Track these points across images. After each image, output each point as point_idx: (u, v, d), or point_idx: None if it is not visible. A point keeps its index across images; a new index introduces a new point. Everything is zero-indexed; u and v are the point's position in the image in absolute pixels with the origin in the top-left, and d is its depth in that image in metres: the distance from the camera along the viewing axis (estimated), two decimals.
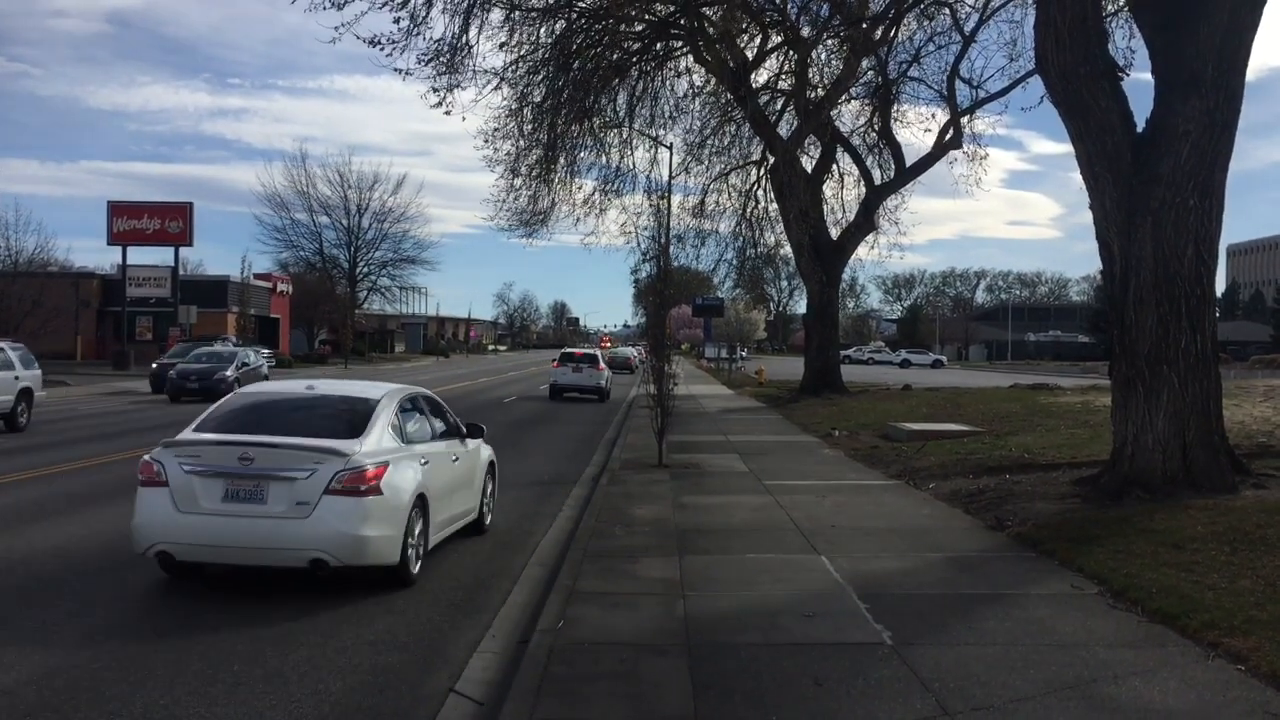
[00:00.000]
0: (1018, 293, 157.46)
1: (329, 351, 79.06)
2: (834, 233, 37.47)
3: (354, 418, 9.11)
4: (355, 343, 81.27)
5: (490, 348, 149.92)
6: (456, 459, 10.62)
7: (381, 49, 23.68)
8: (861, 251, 39.10)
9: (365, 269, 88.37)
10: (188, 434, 8.93)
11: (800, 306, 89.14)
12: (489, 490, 11.90)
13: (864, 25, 30.71)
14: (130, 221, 58.90)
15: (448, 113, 26.08)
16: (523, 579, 9.61)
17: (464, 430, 11.18)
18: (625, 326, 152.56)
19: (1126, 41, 24.63)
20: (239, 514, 8.26)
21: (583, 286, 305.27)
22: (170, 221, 59.08)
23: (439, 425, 10.62)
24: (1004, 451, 17.45)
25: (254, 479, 8.28)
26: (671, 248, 33.53)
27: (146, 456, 8.74)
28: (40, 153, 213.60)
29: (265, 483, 8.27)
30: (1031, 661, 6.60)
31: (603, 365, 23.20)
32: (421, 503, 9.16)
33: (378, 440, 8.89)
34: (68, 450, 18.46)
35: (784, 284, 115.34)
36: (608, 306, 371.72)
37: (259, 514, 8.24)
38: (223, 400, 9.98)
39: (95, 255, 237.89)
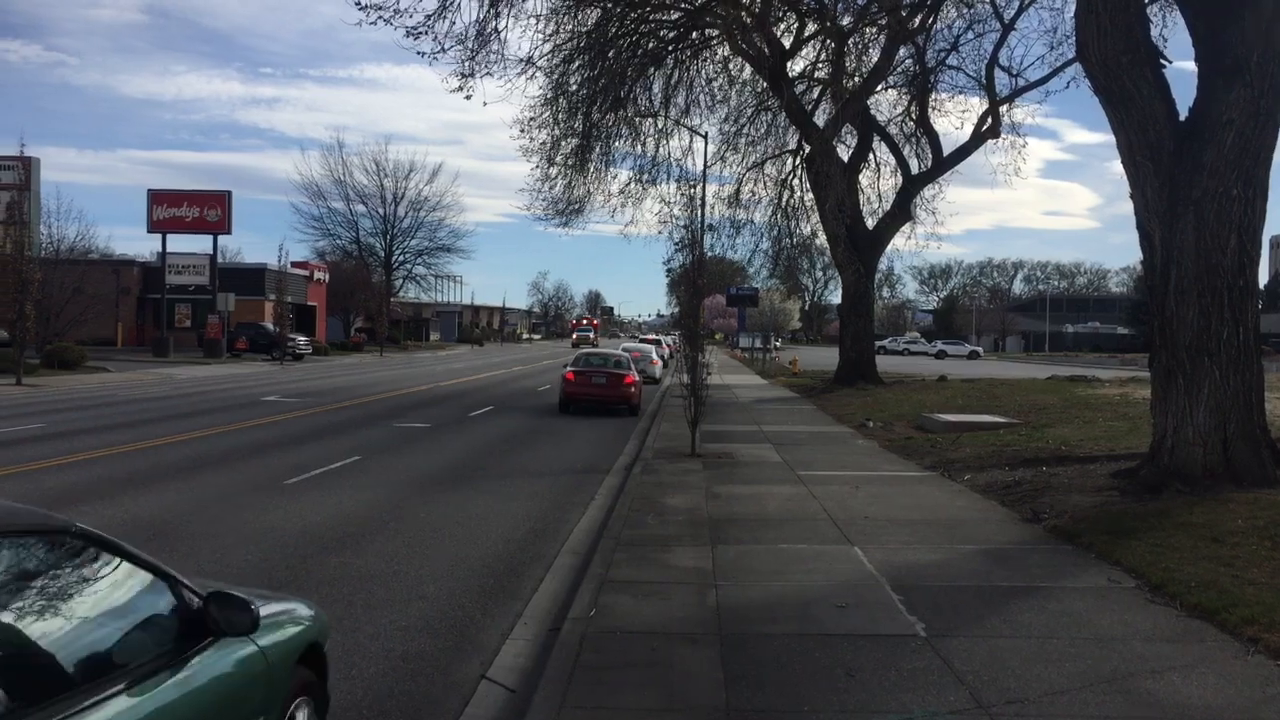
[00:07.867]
0: (1056, 284, 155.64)
1: (363, 340, 79.61)
2: (870, 223, 37.22)
3: (650, 351, 47.13)
4: (390, 331, 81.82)
5: (524, 336, 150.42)
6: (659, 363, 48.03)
7: (386, 22, 22.89)
8: (898, 241, 38.84)
9: (401, 257, 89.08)
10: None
11: (835, 297, 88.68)
12: (668, 369, 44.52)
13: (902, 13, 30.40)
14: (170, 209, 59.61)
15: (468, 97, 26.03)
16: (555, 567, 9.65)
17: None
18: (659, 316, 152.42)
19: (1161, 30, 24.30)
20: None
21: (617, 276, 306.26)
22: (209, 210, 59.72)
23: (658, 352, 50.48)
24: (1041, 443, 17.29)
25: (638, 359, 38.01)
26: (706, 237, 33.48)
27: (619, 349, 37.76)
28: (78, 141, 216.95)
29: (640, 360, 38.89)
30: (1067, 655, 6.53)
31: None
32: (664, 366, 47.24)
33: (656, 355, 47.16)
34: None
35: (819, 274, 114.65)
36: (642, 295, 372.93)
37: (639, 365, 33.06)
38: (622, 346, 45.63)
39: (135, 243, 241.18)
